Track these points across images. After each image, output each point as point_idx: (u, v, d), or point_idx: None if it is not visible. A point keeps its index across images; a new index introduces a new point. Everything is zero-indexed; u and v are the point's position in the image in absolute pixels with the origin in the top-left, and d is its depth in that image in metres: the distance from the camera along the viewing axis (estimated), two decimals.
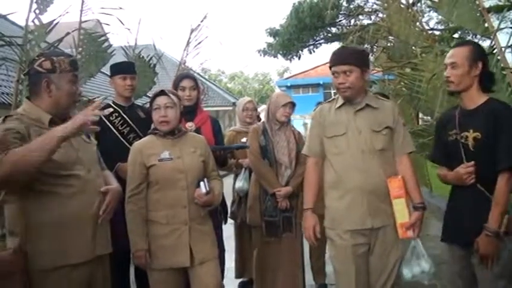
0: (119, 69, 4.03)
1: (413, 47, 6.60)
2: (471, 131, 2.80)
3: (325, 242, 4.55)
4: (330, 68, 3.14)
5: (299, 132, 4.47)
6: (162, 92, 3.21)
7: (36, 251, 2.38)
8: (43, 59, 2.54)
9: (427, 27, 8.40)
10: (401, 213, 3.04)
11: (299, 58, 18.59)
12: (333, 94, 35.25)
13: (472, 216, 2.79)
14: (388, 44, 7.25)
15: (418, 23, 6.53)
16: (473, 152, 2.79)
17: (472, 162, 2.78)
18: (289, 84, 38.75)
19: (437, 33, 12.26)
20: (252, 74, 65.36)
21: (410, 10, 6.57)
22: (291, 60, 19.16)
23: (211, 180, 3.29)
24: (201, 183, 3.12)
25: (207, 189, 3.12)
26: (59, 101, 2.54)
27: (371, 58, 6.88)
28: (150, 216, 3.12)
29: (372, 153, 3.07)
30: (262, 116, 4.94)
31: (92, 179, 2.60)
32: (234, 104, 25.29)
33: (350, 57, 3.08)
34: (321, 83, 38.33)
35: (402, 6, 6.39)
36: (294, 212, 4.18)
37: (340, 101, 3.20)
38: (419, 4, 9.58)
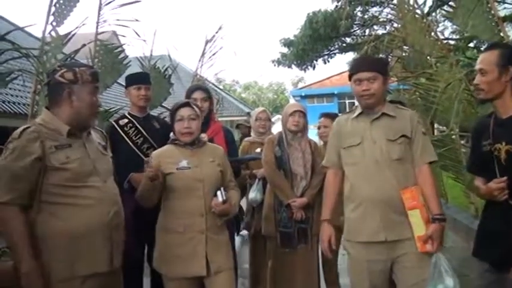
0: (133, 80, 4.05)
1: (428, 57, 6.59)
2: (503, 143, 2.66)
3: (337, 254, 4.57)
4: (351, 75, 3.10)
5: (315, 143, 4.44)
6: (186, 104, 3.23)
7: (52, 262, 2.39)
8: (65, 69, 2.56)
9: (441, 37, 8.36)
10: (418, 225, 2.92)
11: (314, 68, 18.58)
12: (347, 104, 35.05)
13: (504, 235, 2.64)
14: (403, 54, 7.24)
15: (433, 33, 6.52)
16: (505, 166, 2.64)
17: (505, 178, 2.60)
18: (303, 94, 38.73)
19: (452, 42, 12.15)
20: (266, 84, 65.49)
21: (425, 20, 6.57)
22: (305, 71, 19.14)
23: (229, 190, 3.29)
24: (218, 192, 3.11)
25: (224, 198, 3.11)
26: (80, 111, 2.55)
27: None
28: (167, 224, 3.13)
29: (387, 163, 2.99)
30: (278, 126, 4.93)
31: (108, 190, 2.61)
32: (248, 114, 25.29)
33: (374, 65, 3.07)
34: (336, 92, 38.25)
35: (417, 16, 6.39)
36: (309, 223, 4.14)
37: (358, 111, 3.16)
38: (433, 14, 9.56)
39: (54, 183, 2.41)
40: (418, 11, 6.48)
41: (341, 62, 39.06)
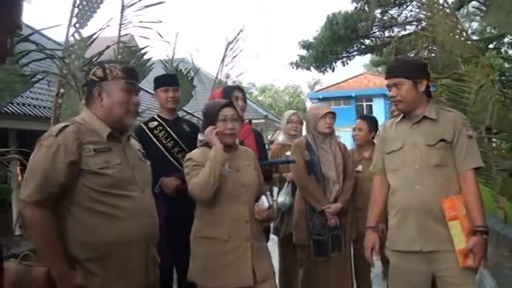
0: (161, 82, 3.98)
1: (458, 58, 6.41)
2: None
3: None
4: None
5: (344, 145, 4.32)
6: (229, 103, 3.07)
7: (82, 276, 2.23)
8: (97, 67, 2.44)
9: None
10: (458, 237, 2.74)
11: (333, 70, 18.43)
12: (365, 106, 35.17)
13: None
14: (431, 55, 7.07)
15: (464, 33, 6.35)
16: None
17: None
18: (320, 97, 38.64)
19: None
20: (283, 87, 65.32)
21: (455, 19, 6.40)
22: (324, 73, 19.00)
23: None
24: (263, 198, 2.95)
25: (270, 203, 2.95)
26: (111, 110, 2.39)
27: None
28: (209, 233, 2.92)
29: (427, 169, 2.84)
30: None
31: (145, 200, 2.44)
32: (266, 116, 25.25)
33: (399, 70, 2.94)
34: (353, 95, 38.14)
35: (448, 15, 6.21)
36: (343, 230, 4.01)
37: (401, 115, 3.05)
38: (460, 12, 9.37)
39: (91, 187, 2.25)
40: (448, 10, 6.30)
41: (358, 65, 38.98)
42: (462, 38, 6.32)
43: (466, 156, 2.86)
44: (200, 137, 3.12)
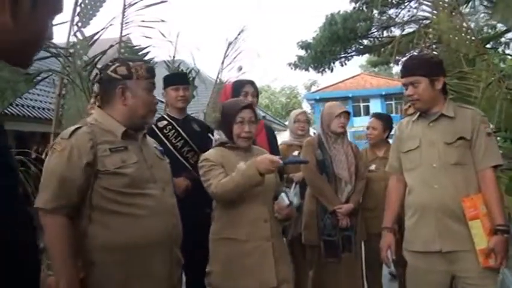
0: (171, 81, 3.91)
1: (462, 56, 6.37)
2: None
3: (381, 264, 4.35)
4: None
5: (356, 145, 4.26)
6: (248, 106, 2.97)
7: (102, 277, 2.14)
8: (118, 64, 2.33)
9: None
10: (479, 237, 2.68)
11: (331, 71, 18.33)
12: (362, 107, 35.17)
13: None
14: (433, 53, 7.02)
15: (469, 31, 6.30)
16: None
17: None
18: (317, 98, 38.65)
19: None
20: (279, 88, 65.28)
21: (461, 17, 6.35)
22: (322, 73, 18.94)
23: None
24: (283, 195, 2.88)
25: (291, 200, 2.88)
26: (135, 109, 2.32)
27: None
28: (229, 234, 2.84)
29: (445, 168, 2.79)
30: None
31: (166, 199, 2.36)
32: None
33: (416, 68, 2.88)
34: (350, 96, 38.14)
35: (453, 13, 6.17)
36: (353, 230, 3.94)
37: (418, 113, 2.99)
38: (465, 10, 9.33)
39: (108, 187, 2.17)
40: (454, 8, 6.24)
41: (354, 65, 38.96)
42: (468, 36, 6.28)
43: (485, 154, 2.80)
44: (216, 135, 3.03)
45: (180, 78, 4.04)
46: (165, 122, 3.80)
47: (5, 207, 0.94)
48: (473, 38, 6.46)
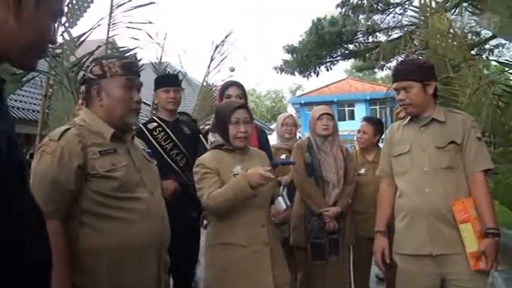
0: (162, 82, 3.87)
1: (449, 61, 6.42)
2: None
3: (370, 266, 4.36)
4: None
5: (347, 149, 4.26)
6: (242, 106, 2.95)
7: (92, 282, 2.10)
8: (93, 64, 2.29)
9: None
10: (470, 240, 2.70)
11: (317, 75, 18.38)
12: (346, 112, 35.32)
13: None
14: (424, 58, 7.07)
15: (456, 36, 6.35)
16: None
17: None
18: (302, 102, 38.77)
19: None
20: (264, 92, 65.39)
21: (448, 23, 6.40)
22: (308, 78, 18.97)
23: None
24: (280, 199, 2.86)
25: (288, 204, 2.87)
26: (112, 109, 2.25)
27: None
28: (226, 239, 2.80)
29: (436, 172, 2.81)
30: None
31: (156, 202, 2.31)
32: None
33: (408, 73, 2.88)
34: (335, 100, 38.27)
35: (441, 19, 6.21)
36: (341, 234, 3.93)
37: (409, 118, 3.00)
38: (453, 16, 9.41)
39: (98, 191, 2.12)
40: (442, 14, 6.29)
41: (339, 70, 39.18)
42: (455, 42, 6.33)
43: (475, 158, 2.82)
44: (211, 138, 2.99)
45: (171, 80, 3.99)
46: (155, 124, 3.77)
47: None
48: (460, 43, 6.53)
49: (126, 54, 5.92)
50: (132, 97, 2.31)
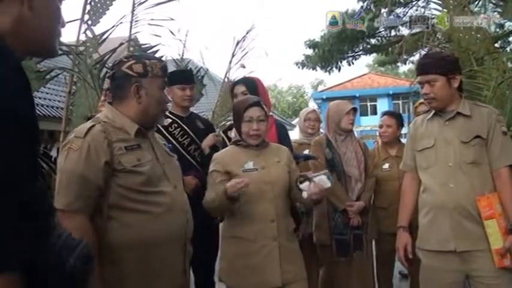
0: (178, 79, 3.79)
1: (473, 54, 6.33)
2: None
3: (393, 263, 4.33)
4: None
5: (364, 143, 4.22)
6: (255, 103, 2.94)
7: (119, 275, 2.12)
8: (133, 61, 2.28)
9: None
10: (495, 237, 2.65)
11: (339, 70, 18.25)
12: (369, 106, 35.01)
13: None
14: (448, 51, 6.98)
15: (480, 29, 6.26)
16: None
17: None
18: (324, 97, 38.54)
19: None
20: (286, 87, 65.25)
21: (471, 15, 6.31)
22: (329, 73, 18.86)
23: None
24: (323, 177, 2.79)
25: (333, 181, 2.86)
26: (148, 108, 2.29)
27: None
28: (235, 233, 2.86)
29: (461, 167, 2.76)
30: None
31: (179, 196, 2.34)
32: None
33: (433, 66, 2.83)
34: (357, 95, 38.06)
35: (464, 12, 6.13)
36: (364, 229, 3.90)
37: (433, 112, 2.95)
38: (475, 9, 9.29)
39: (125, 186, 2.15)
40: (465, 7, 6.20)
41: (361, 65, 38.91)
42: (478, 35, 6.24)
43: (501, 153, 2.77)
44: (232, 133, 3.04)
45: (187, 76, 3.94)
46: (169, 120, 3.72)
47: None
48: (483, 36, 6.44)
49: (149, 51, 6.00)
50: (166, 98, 2.41)
